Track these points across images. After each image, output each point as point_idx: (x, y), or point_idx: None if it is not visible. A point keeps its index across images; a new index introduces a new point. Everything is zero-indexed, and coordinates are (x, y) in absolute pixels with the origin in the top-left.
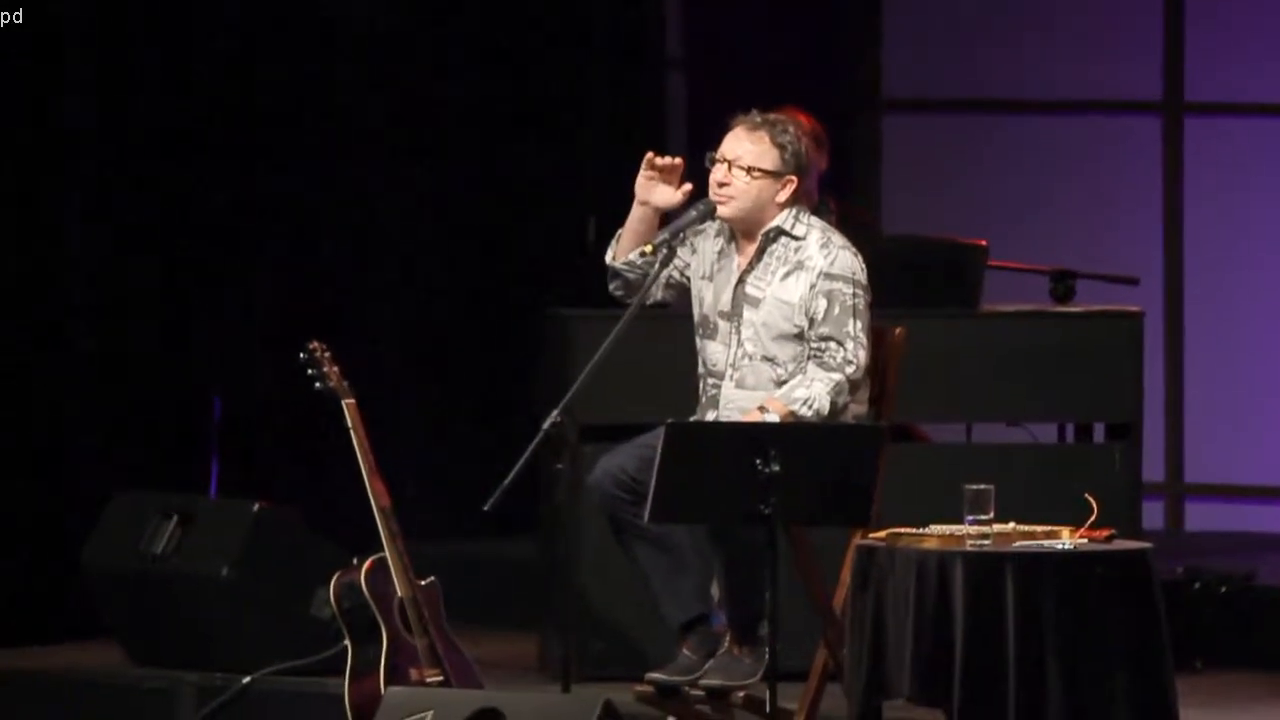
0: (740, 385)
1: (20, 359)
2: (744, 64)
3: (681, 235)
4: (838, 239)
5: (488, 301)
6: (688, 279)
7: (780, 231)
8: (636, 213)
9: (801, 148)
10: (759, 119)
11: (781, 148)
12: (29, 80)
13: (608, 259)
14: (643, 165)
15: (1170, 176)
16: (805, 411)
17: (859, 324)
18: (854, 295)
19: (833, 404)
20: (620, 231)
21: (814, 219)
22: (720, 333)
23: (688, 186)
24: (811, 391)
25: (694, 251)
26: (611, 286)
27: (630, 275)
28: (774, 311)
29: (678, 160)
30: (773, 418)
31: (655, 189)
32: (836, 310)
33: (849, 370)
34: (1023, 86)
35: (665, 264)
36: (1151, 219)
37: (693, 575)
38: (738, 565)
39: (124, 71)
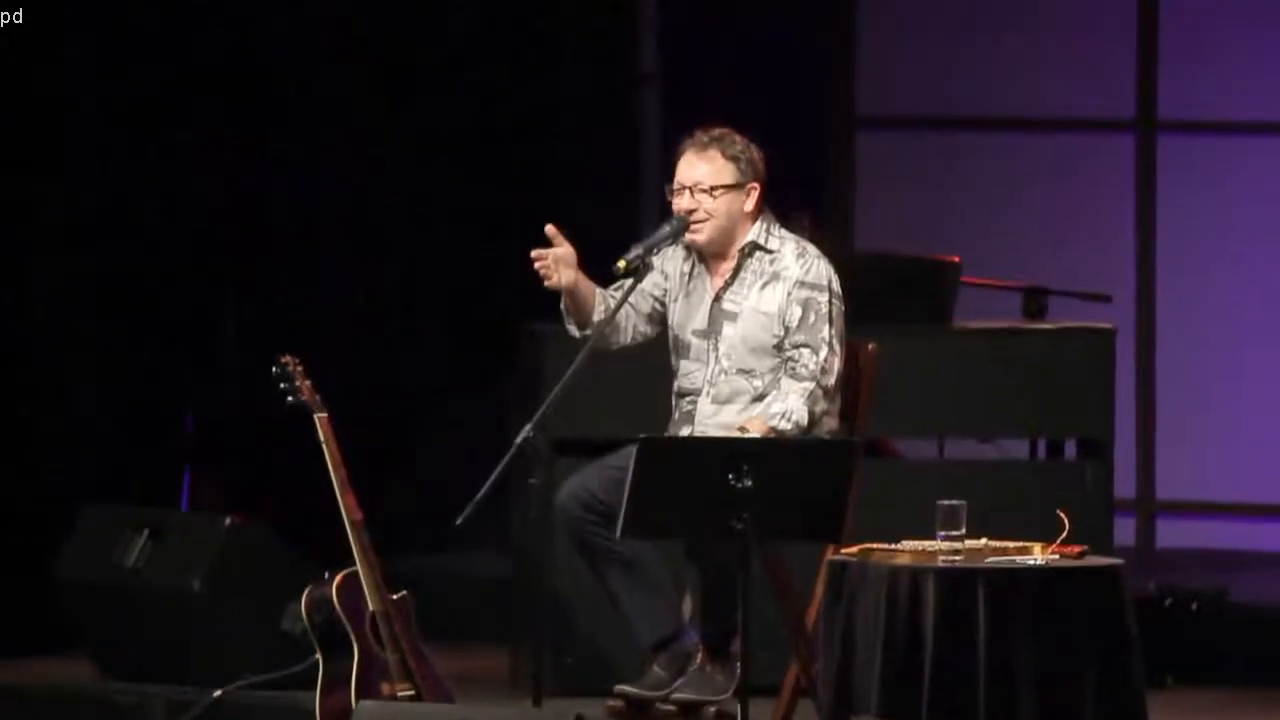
0: (716, 400)
1: None
2: (717, 79)
3: (655, 249)
4: (812, 249)
5: (460, 316)
6: (664, 306)
7: (755, 246)
8: (565, 298)
9: (753, 154)
10: (705, 138)
11: (735, 159)
12: (25, 80)
13: (577, 334)
14: (537, 265)
15: (1143, 194)
16: (785, 425)
17: (833, 331)
18: (829, 303)
19: (810, 414)
20: (564, 309)
21: (785, 232)
22: (694, 350)
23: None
24: (788, 404)
25: (666, 277)
26: (599, 346)
27: (607, 330)
28: (752, 323)
29: (549, 231)
30: (754, 436)
31: (559, 272)
32: (812, 318)
33: (821, 378)
34: (997, 104)
35: (640, 279)
36: (1124, 236)
37: (663, 595)
38: (713, 581)
39: (116, 76)
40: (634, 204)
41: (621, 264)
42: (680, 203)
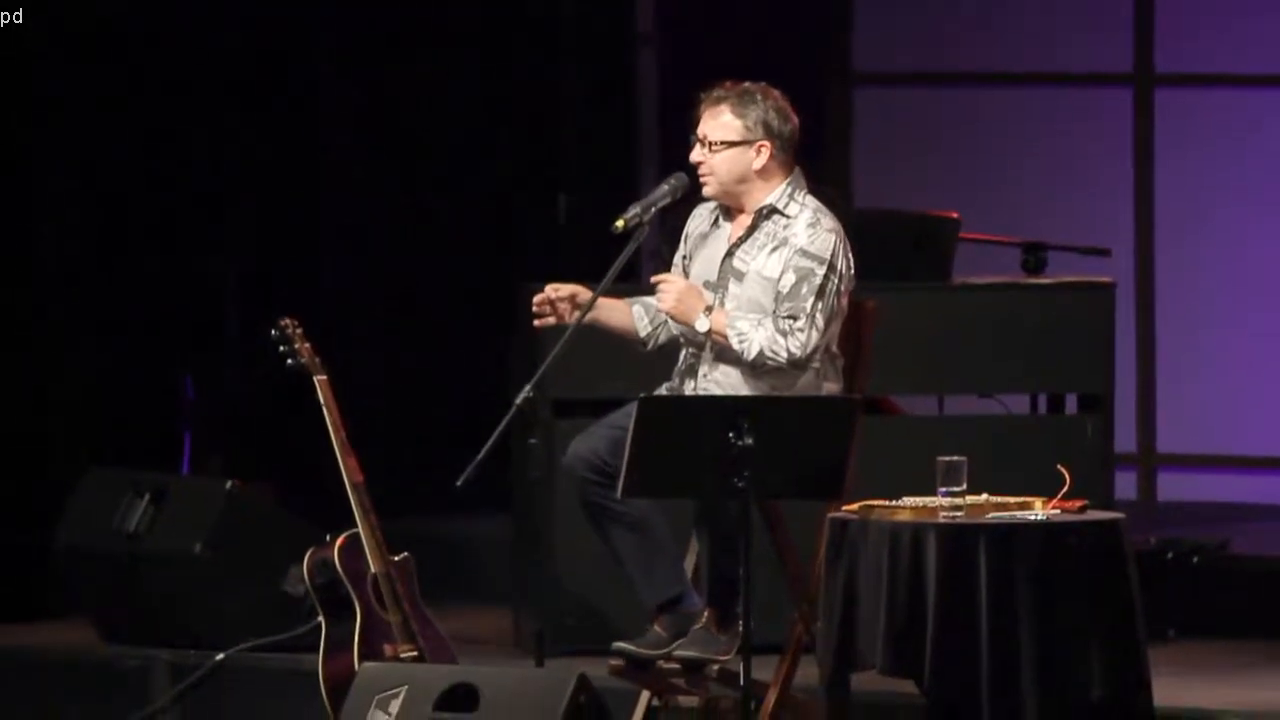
0: (720, 358)
1: None
2: (714, 39)
3: (652, 209)
4: (828, 222)
5: (460, 277)
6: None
7: (773, 209)
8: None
9: (768, 113)
10: (720, 93)
11: (743, 116)
12: (18, 69)
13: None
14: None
15: (1141, 148)
16: (736, 343)
17: (820, 305)
18: (824, 277)
19: (759, 356)
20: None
21: (810, 199)
22: None
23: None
24: (753, 333)
25: (686, 239)
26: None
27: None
28: (755, 286)
29: (546, 292)
30: (703, 324)
31: (567, 315)
32: (804, 289)
33: (793, 349)
34: (994, 59)
35: (638, 239)
36: (1123, 191)
37: (667, 557)
38: (722, 544)
39: (109, 60)
40: (632, 164)
41: (620, 223)
42: (692, 154)
